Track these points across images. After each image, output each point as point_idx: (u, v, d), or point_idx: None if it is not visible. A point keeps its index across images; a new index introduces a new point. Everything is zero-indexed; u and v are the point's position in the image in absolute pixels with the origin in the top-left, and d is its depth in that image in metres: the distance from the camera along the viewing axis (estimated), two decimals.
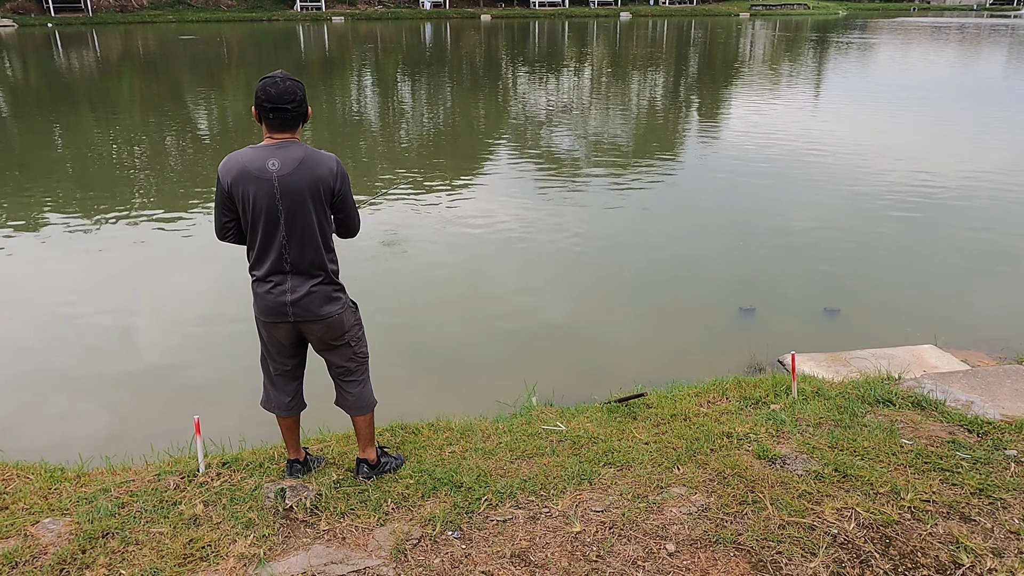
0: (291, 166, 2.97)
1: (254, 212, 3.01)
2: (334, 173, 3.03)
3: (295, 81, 2.99)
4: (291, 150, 2.99)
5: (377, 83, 23.95)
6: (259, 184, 2.96)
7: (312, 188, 3.00)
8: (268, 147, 2.99)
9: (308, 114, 3.07)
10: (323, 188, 3.02)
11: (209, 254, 7.99)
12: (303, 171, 2.97)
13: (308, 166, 2.98)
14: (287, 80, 2.97)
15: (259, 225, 3.03)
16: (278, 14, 53.66)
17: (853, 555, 2.91)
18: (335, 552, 3.01)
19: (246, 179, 2.97)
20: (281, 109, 2.94)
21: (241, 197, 3.01)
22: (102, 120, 16.39)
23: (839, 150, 12.59)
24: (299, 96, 2.97)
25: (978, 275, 7.32)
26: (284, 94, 2.93)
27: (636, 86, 22.99)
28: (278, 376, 3.39)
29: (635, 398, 4.36)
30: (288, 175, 2.96)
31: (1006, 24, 51.19)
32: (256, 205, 3.00)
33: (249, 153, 3.00)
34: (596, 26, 51.22)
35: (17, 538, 3.14)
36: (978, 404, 4.12)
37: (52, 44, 35.74)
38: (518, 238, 8.34)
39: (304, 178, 2.97)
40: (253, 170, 2.96)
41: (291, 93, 2.94)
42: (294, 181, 2.97)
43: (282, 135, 3.01)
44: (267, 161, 2.97)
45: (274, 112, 2.95)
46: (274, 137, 3.01)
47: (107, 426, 4.88)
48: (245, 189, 2.99)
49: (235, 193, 3.02)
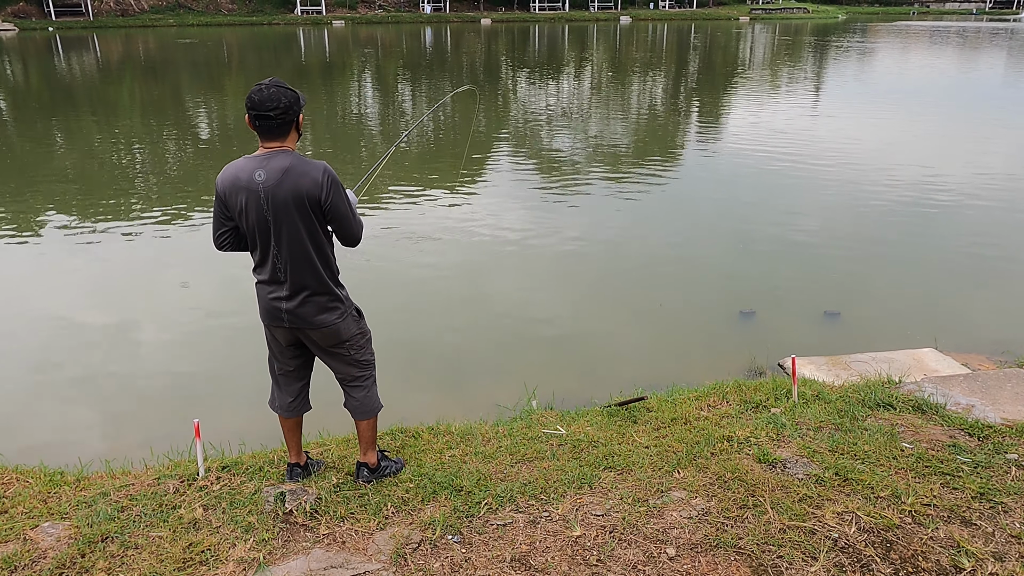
0: (276, 177, 2.93)
1: (247, 222, 3.03)
2: (318, 183, 2.94)
3: (282, 88, 2.94)
4: (278, 160, 2.95)
5: (378, 87, 23.98)
6: (249, 195, 2.96)
7: (296, 200, 2.94)
8: (258, 157, 2.99)
9: (299, 123, 3.02)
10: (308, 200, 2.95)
11: (209, 257, 7.98)
12: (286, 183, 2.92)
13: (291, 177, 2.92)
14: (272, 87, 2.93)
15: (255, 235, 3.05)
16: (278, 18, 53.75)
17: (854, 559, 2.90)
18: (335, 556, 3.00)
19: (238, 189, 2.98)
20: (264, 116, 2.91)
21: (236, 207, 3.02)
22: (102, 124, 16.41)
23: (839, 153, 12.60)
24: (282, 103, 2.91)
25: (978, 279, 7.32)
26: (266, 101, 2.89)
27: (636, 90, 23.01)
28: (281, 376, 3.42)
29: (635, 402, 4.36)
30: (273, 186, 2.93)
31: (1006, 28, 51.27)
32: (248, 216, 3.01)
33: (242, 163, 3.01)
34: (596, 30, 51.30)
35: (16, 542, 3.14)
36: (979, 408, 4.12)
37: (53, 48, 35.80)
38: (518, 241, 8.34)
39: (287, 190, 2.93)
40: (243, 180, 2.97)
41: (274, 100, 2.89)
42: (279, 193, 2.94)
43: (271, 143, 2.99)
44: (255, 172, 2.95)
45: (258, 119, 2.94)
46: (265, 146, 3.00)
47: (107, 430, 4.88)
48: (239, 199, 2.99)
49: (230, 203, 3.03)
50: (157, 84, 23.63)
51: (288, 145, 3.01)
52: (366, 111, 18.87)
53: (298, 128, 3.05)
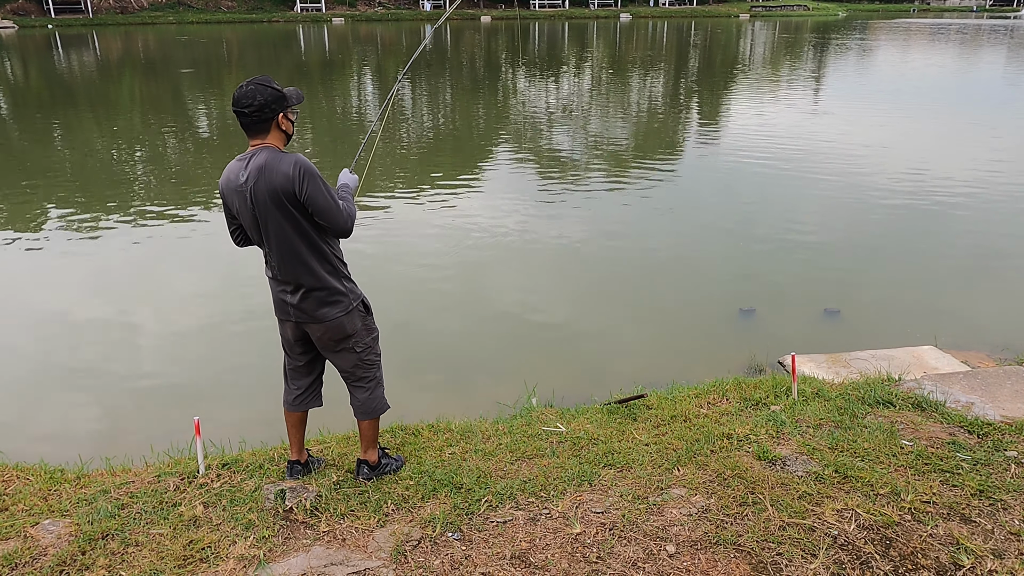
0: (255, 176, 2.95)
1: (244, 223, 3.10)
2: (290, 178, 2.91)
3: (261, 86, 2.94)
4: (257, 158, 2.96)
5: (377, 84, 23.96)
6: (238, 196, 3.02)
7: (273, 197, 2.94)
8: (243, 157, 3.04)
9: (279, 121, 3.00)
10: (284, 196, 2.94)
11: (209, 255, 7.99)
12: (262, 182, 2.94)
13: (265, 175, 2.93)
14: (251, 85, 2.95)
15: (252, 232, 3.12)
16: (278, 15, 53.67)
17: (853, 556, 2.90)
18: (335, 553, 3.01)
19: (231, 191, 3.05)
20: (239, 113, 2.96)
21: (233, 208, 3.10)
22: (102, 121, 16.39)
23: (839, 150, 12.59)
24: (257, 101, 2.91)
25: (978, 276, 7.32)
26: (242, 98, 2.93)
27: (636, 87, 22.99)
28: (291, 371, 3.46)
29: (635, 399, 4.36)
30: (254, 186, 2.96)
31: (1005, 25, 51.21)
32: (243, 217, 3.08)
33: (232, 165, 3.07)
34: (596, 27, 51.24)
35: (17, 539, 3.14)
36: (978, 405, 4.12)
37: (52, 45, 35.75)
38: (518, 238, 8.33)
39: (263, 188, 2.94)
40: (232, 182, 3.03)
41: (248, 98, 2.92)
42: (259, 192, 2.96)
43: (254, 141, 3.02)
44: (239, 173, 3.00)
45: (237, 115, 2.98)
46: (251, 144, 3.03)
47: (107, 427, 4.88)
48: (233, 201, 3.06)
49: (228, 205, 3.11)
50: (156, 81, 23.60)
51: (270, 142, 3.01)
52: (365, 108, 18.85)
53: (280, 126, 3.02)
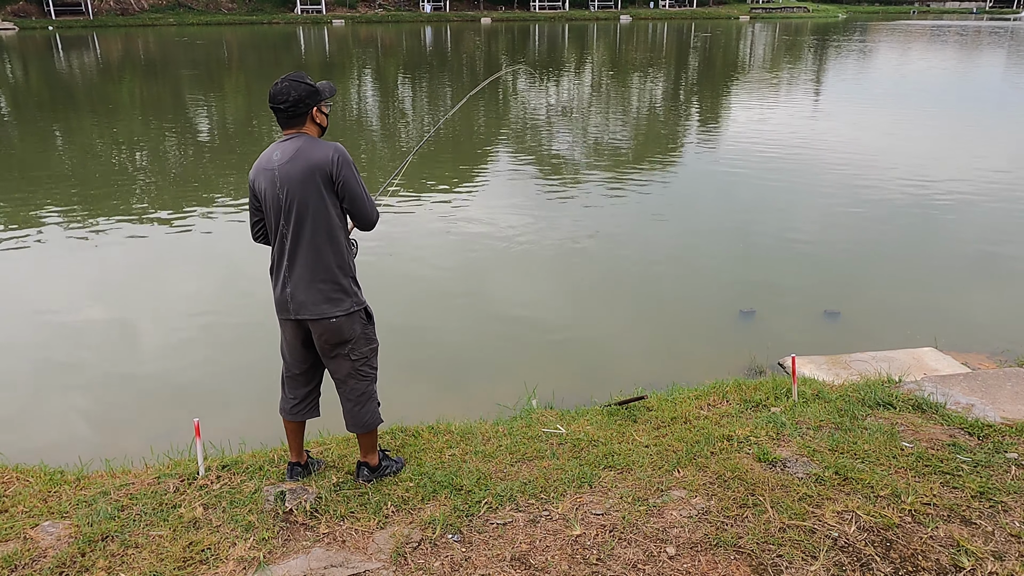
0: (290, 154, 3.11)
1: (266, 204, 3.18)
2: (330, 159, 3.09)
3: (295, 83, 3.14)
4: (293, 141, 3.15)
5: (378, 85, 23.97)
6: (266, 175, 3.15)
7: (307, 174, 3.08)
8: (278, 142, 3.20)
9: (313, 115, 3.20)
10: (319, 174, 3.09)
11: (209, 256, 7.99)
12: (299, 158, 3.10)
13: (304, 153, 3.10)
14: (285, 82, 3.14)
15: (271, 217, 3.18)
16: (278, 17, 53.76)
17: (854, 558, 2.90)
18: (335, 555, 3.01)
19: (259, 172, 3.19)
20: (276, 108, 3.15)
21: (259, 191, 3.20)
22: (102, 122, 16.40)
23: (839, 152, 12.60)
24: (292, 97, 3.10)
25: (978, 278, 7.32)
26: (278, 95, 3.12)
27: (636, 89, 23.01)
28: (288, 379, 3.45)
29: (635, 401, 4.36)
30: (286, 163, 3.10)
31: (1005, 27, 51.24)
32: (266, 197, 3.17)
33: (267, 150, 3.23)
34: (596, 29, 51.28)
35: (16, 541, 3.14)
36: (979, 407, 4.12)
37: (53, 47, 35.79)
38: (518, 240, 8.33)
39: (300, 164, 3.09)
40: (263, 163, 3.18)
41: (283, 94, 3.11)
42: (291, 169, 3.10)
43: (289, 131, 3.19)
44: (273, 153, 3.16)
45: (274, 111, 3.18)
46: (285, 133, 3.20)
47: (107, 429, 4.88)
48: (259, 183, 3.18)
49: (256, 188, 3.21)
50: (157, 83, 23.62)
51: (305, 131, 3.20)
52: (366, 109, 18.85)
53: (315, 120, 3.21)
